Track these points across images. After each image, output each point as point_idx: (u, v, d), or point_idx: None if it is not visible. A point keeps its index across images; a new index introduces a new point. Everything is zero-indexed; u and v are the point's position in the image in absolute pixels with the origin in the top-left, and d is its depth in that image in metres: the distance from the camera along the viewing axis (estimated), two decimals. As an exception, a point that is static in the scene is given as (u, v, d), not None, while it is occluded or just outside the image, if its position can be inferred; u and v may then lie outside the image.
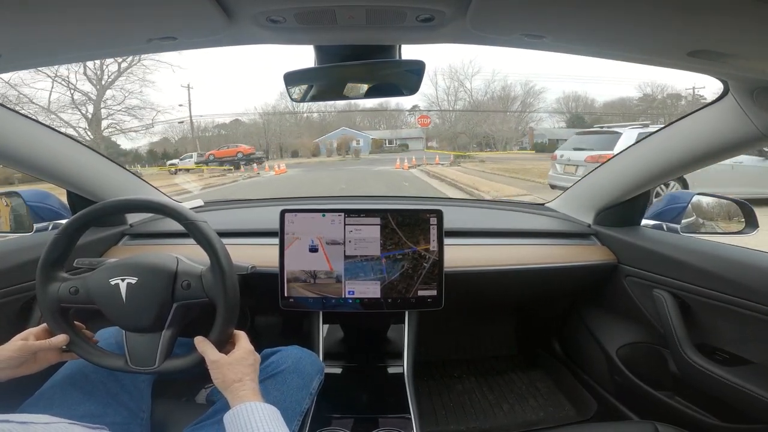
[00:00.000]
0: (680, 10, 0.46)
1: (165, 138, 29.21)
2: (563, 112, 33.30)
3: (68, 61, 0.68)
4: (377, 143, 33.41)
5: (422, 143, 32.77)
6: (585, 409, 1.40)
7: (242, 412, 0.60)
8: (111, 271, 0.71)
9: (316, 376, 0.87)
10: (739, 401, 0.89)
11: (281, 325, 1.69)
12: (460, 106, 33.13)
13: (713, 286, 0.94)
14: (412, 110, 36.30)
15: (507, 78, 43.48)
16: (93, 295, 0.71)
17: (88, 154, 1.14)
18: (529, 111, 31.00)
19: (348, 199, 1.67)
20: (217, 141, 29.52)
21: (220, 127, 32.89)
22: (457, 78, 32.18)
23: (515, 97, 31.31)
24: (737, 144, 0.86)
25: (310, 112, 34.38)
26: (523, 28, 0.56)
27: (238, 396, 0.63)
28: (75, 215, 0.73)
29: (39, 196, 1.17)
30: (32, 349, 0.67)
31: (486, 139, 31.31)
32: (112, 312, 0.70)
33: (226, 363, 0.66)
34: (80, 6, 0.48)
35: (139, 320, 0.70)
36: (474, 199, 1.75)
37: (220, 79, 53.50)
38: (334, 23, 0.56)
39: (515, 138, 30.75)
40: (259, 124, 32.32)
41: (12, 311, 0.95)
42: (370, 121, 37.64)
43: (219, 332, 0.70)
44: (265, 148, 29.83)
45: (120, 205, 0.77)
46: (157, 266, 0.72)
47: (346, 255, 1.02)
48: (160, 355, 0.71)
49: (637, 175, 1.12)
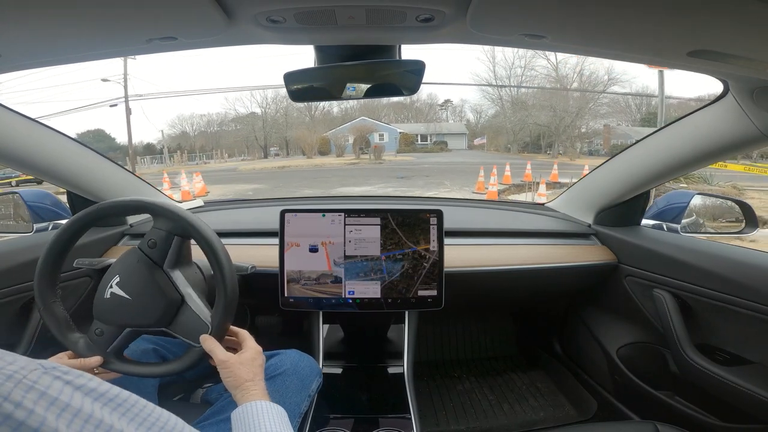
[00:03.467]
0: (680, 10, 0.46)
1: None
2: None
3: (68, 62, 0.68)
4: (407, 139, 25.40)
5: (464, 141, 26.95)
6: (585, 409, 1.39)
7: (252, 410, 0.60)
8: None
9: (314, 378, 0.88)
10: (739, 401, 0.89)
11: (281, 325, 1.69)
12: (526, 88, 23.61)
13: (713, 286, 0.94)
14: (444, 105, 31.01)
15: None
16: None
17: (88, 154, 1.14)
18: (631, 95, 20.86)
19: (348, 199, 1.68)
20: (226, 137, 27.87)
21: (236, 120, 29.33)
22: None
23: (600, 81, 21.42)
24: (737, 144, 0.86)
25: (331, 106, 28.72)
26: (523, 28, 0.56)
27: (249, 394, 0.62)
28: (73, 216, 0.73)
29: (39, 196, 1.17)
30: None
31: (540, 139, 22.90)
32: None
33: (237, 362, 0.66)
34: (80, 6, 0.48)
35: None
36: (474, 199, 1.75)
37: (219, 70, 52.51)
38: (334, 23, 0.56)
39: (583, 138, 22.60)
40: (278, 121, 28.15)
41: (12, 311, 0.95)
42: (396, 115, 31.87)
43: (218, 327, 0.69)
44: (263, 144, 27.24)
45: (119, 205, 0.77)
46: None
47: (346, 255, 1.02)
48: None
49: (637, 175, 1.12)
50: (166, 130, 28.52)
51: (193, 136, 29.19)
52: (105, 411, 0.35)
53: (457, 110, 31.37)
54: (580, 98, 21.65)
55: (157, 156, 24.53)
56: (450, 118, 30.56)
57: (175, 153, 25.64)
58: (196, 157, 26.05)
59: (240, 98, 40.38)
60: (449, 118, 30.35)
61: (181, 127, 29.31)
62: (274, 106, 28.06)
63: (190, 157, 26.00)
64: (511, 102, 24.68)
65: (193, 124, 29.44)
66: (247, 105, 40.87)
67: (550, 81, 23.07)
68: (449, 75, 48.82)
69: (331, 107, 29.17)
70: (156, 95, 31.84)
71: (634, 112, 22.94)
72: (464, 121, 29.06)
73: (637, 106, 22.70)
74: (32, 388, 0.31)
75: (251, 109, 30.22)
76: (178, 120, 29.52)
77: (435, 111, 31.15)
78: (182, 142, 28.19)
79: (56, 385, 0.33)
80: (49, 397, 0.31)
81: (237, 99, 41.41)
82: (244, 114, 29.11)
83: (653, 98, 20.08)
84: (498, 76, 24.49)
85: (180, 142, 28.18)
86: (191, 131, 29.55)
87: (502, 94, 25.07)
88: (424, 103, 30.88)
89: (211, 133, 29.02)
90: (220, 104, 59.01)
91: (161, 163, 23.05)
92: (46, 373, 0.33)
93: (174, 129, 29.41)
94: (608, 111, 22.07)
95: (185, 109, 61.06)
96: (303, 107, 27.44)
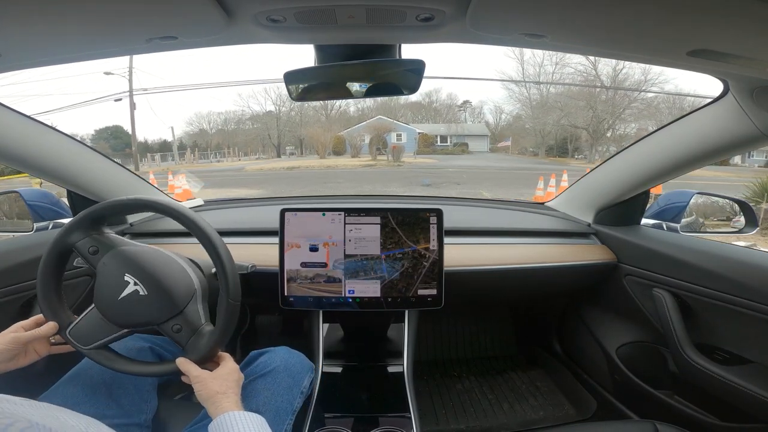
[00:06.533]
0: (680, 10, 0.46)
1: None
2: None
3: (68, 61, 0.68)
4: (426, 140, 24.39)
5: (486, 143, 25.94)
6: (585, 409, 1.40)
7: (226, 421, 0.60)
8: (132, 267, 0.71)
9: (306, 374, 0.87)
10: (739, 401, 0.89)
11: (281, 324, 1.69)
12: (555, 87, 21.57)
13: (713, 285, 0.94)
14: (463, 105, 29.98)
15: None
16: (101, 270, 0.71)
17: (89, 153, 1.14)
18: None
19: (348, 198, 1.67)
20: (234, 135, 27.08)
21: (253, 119, 28.64)
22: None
23: (637, 81, 19.39)
24: (737, 143, 0.86)
25: (347, 105, 27.50)
26: (522, 27, 0.56)
27: (221, 407, 0.63)
28: (75, 216, 0.73)
29: (39, 196, 1.17)
30: (23, 340, 0.67)
31: (567, 142, 20.85)
32: (101, 294, 0.70)
33: (210, 377, 0.67)
34: (80, 6, 0.48)
35: (116, 316, 0.70)
36: (474, 198, 1.75)
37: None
38: (334, 22, 0.56)
39: (620, 141, 19.68)
40: (293, 119, 27.19)
41: (12, 311, 0.95)
42: (414, 115, 30.71)
43: (206, 352, 0.70)
44: (276, 143, 26.47)
45: (121, 204, 0.77)
46: (171, 295, 0.71)
47: (346, 254, 1.02)
48: (99, 343, 0.70)
49: (637, 174, 1.12)
50: (184, 127, 28.43)
51: (211, 134, 28.97)
52: None
53: (476, 111, 30.64)
54: (618, 99, 19.89)
55: (168, 153, 24.04)
56: (468, 120, 29.64)
57: (185, 151, 25.06)
58: (208, 155, 25.46)
59: (254, 95, 40.27)
60: (467, 119, 29.48)
61: (199, 125, 29.16)
62: (290, 103, 27.22)
63: (203, 155, 25.44)
64: (542, 102, 22.71)
65: (210, 122, 29.26)
66: (262, 102, 40.17)
67: (588, 79, 20.72)
68: (477, 72, 48.05)
69: (348, 106, 28.25)
70: (161, 89, 31.65)
71: (666, 115, 19.84)
72: (483, 123, 28.15)
73: (669, 108, 20.36)
74: None
75: (266, 106, 29.89)
76: (195, 117, 29.41)
77: (454, 112, 30.29)
78: (199, 140, 27.92)
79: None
80: None
81: (251, 96, 40.94)
82: (261, 112, 28.71)
83: (684, 101, 19.10)
84: (527, 75, 23.02)
85: (196, 140, 27.90)
86: (209, 129, 29.36)
87: (531, 94, 23.32)
88: (443, 103, 30.09)
89: (229, 131, 28.70)
90: (233, 101, 58.28)
91: (167, 161, 22.55)
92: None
93: (192, 126, 29.26)
94: (647, 113, 20.09)
95: (203, 106, 60.60)
96: (319, 106, 26.54)
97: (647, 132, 1.13)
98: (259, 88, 29.56)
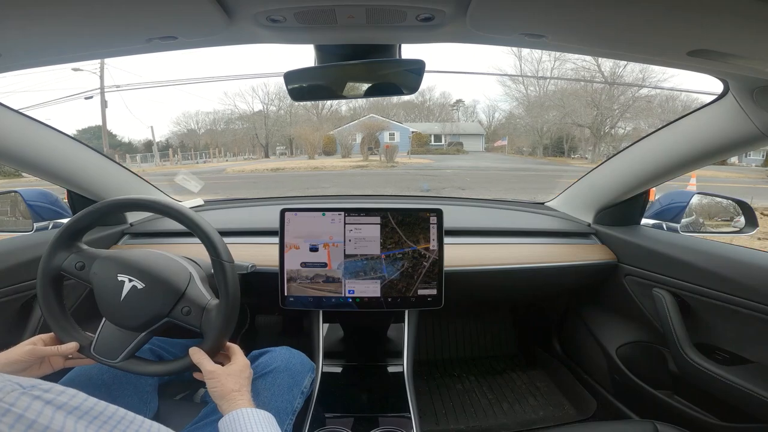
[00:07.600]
0: (680, 10, 0.46)
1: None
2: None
3: (68, 61, 0.68)
4: (420, 139, 23.22)
5: (481, 142, 24.84)
6: (585, 408, 1.40)
7: (238, 417, 0.60)
8: (122, 267, 0.71)
9: (306, 374, 0.87)
10: (739, 400, 0.89)
11: (281, 324, 1.69)
12: (553, 83, 20.62)
13: (713, 285, 0.94)
14: (455, 104, 29.42)
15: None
16: (94, 279, 0.71)
17: (89, 153, 1.14)
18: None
19: (348, 198, 1.67)
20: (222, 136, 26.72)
21: (243, 119, 27.38)
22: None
23: (636, 79, 18.42)
24: (737, 143, 0.86)
25: (339, 104, 25.68)
26: (522, 27, 0.56)
27: (235, 404, 0.63)
28: (74, 215, 0.73)
29: (39, 195, 1.17)
30: (40, 354, 0.68)
31: (563, 142, 20.28)
32: (104, 302, 0.71)
33: (224, 374, 0.67)
34: (80, 6, 0.48)
35: (125, 319, 0.70)
36: (474, 198, 1.75)
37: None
38: (334, 23, 0.56)
39: (623, 140, 18.29)
40: (282, 118, 26.18)
41: (12, 311, 0.95)
42: (407, 114, 29.44)
43: (214, 342, 0.70)
44: (264, 143, 25.59)
45: (121, 204, 0.77)
46: (169, 281, 0.71)
47: (346, 254, 1.02)
48: (125, 353, 0.71)
49: (637, 174, 1.12)
50: (172, 127, 27.83)
51: (200, 134, 28.62)
52: (90, 431, 0.34)
53: (468, 111, 30.33)
54: (620, 96, 18.76)
55: (147, 155, 23.24)
56: (461, 119, 29.13)
57: (167, 151, 24.07)
58: (194, 156, 24.65)
59: (241, 93, 40.08)
60: (460, 118, 29.00)
61: (187, 125, 28.56)
62: (278, 102, 26.60)
63: (185, 156, 24.45)
64: (540, 99, 21.76)
65: (199, 122, 28.76)
66: (249, 101, 39.97)
67: (589, 74, 19.65)
68: (474, 69, 47.78)
69: (339, 106, 27.31)
70: (135, 86, 30.64)
71: (659, 114, 19.12)
72: (476, 122, 27.88)
73: (662, 108, 19.21)
74: (9, 411, 0.30)
75: (253, 105, 29.00)
76: (183, 117, 28.98)
77: (447, 111, 29.79)
78: (187, 140, 27.42)
79: (35, 406, 0.31)
80: (27, 420, 0.30)
81: (237, 94, 40.74)
82: (249, 112, 27.92)
83: (676, 100, 18.45)
84: (525, 72, 22.21)
85: (184, 140, 27.47)
86: (197, 129, 28.80)
87: (530, 91, 22.69)
88: (436, 102, 29.66)
89: (219, 131, 28.16)
90: (219, 99, 58.05)
91: (148, 162, 21.71)
92: (25, 394, 0.31)
93: (179, 126, 28.66)
94: (646, 112, 18.80)
95: (190, 106, 60.45)
96: (310, 105, 25.06)
97: (647, 132, 1.12)
98: (246, 87, 29.30)
